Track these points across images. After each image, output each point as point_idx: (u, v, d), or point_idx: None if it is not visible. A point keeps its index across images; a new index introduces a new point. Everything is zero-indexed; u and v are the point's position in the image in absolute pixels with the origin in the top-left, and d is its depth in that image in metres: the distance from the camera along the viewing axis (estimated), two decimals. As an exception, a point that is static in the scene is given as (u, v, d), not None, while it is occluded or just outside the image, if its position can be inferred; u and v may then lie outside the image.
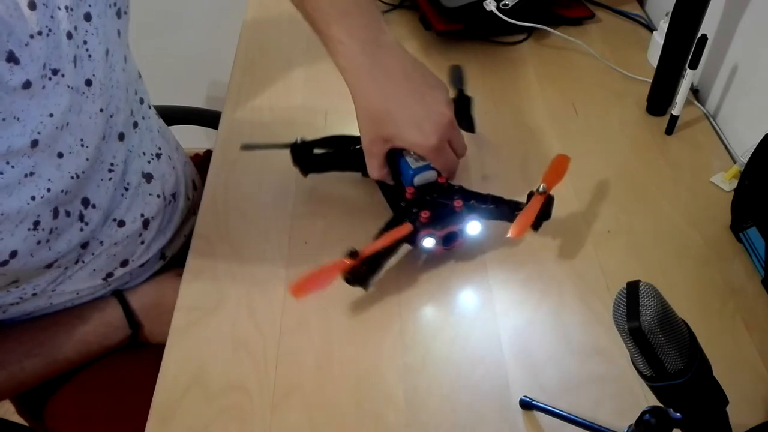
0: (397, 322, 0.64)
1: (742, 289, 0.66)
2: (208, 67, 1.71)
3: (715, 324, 0.63)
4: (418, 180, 0.67)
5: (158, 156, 0.81)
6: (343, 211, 0.75)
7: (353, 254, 0.60)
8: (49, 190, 0.61)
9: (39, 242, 0.62)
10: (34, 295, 0.70)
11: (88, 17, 0.63)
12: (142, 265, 0.79)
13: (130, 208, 0.75)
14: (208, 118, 1.11)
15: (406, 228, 0.64)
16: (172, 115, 1.12)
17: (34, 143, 0.58)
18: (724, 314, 0.64)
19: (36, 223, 0.61)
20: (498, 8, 0.95)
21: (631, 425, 0.45)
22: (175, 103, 1.12)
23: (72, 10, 0.60)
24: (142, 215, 0.77)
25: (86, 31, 0.62)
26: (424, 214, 0.64)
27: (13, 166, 0.57)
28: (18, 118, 0.57)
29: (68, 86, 0.61)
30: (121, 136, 0.71)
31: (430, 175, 0.67)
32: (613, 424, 0.54)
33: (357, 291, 0.66)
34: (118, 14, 0.68)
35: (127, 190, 0.74)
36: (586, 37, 0.99)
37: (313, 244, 0.72)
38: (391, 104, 0.63)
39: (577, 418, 0.55)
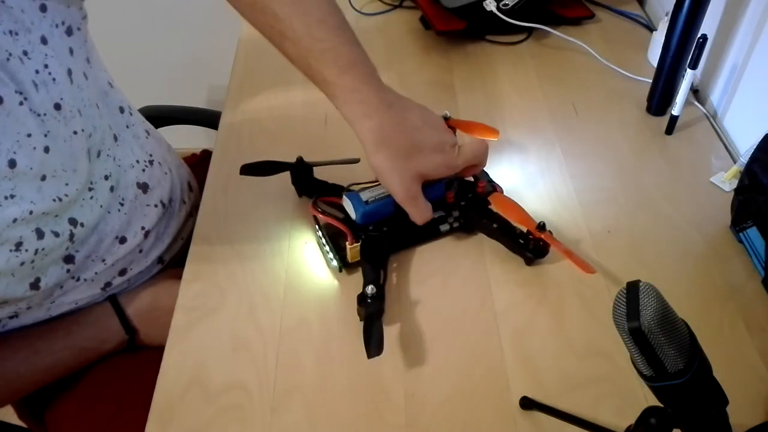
0: (397, 321, 0.64)
1: (742, 289, 0.66)
2: (208, 67, 1.71)
3: (715, 324, 0.63)
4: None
5: (151, 162, 0.79)
6: (343, 211, 0.75)
7: None
8: (31, 212, 0.59)
9: (23, 263, 0.60)
10: (29, 308, 0.69)
11: (44, 40, 0.60)
12: (140, 272, 0.79)
13: (131, 224, 0.74)
14: (208, 118, 1.11)
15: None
16: (172, 115, 1.12)
17: (12, 163, 0.57)
18: (724, 314, 0.64)
19: (18, 245, 0.59)
20: (498, 8, 0.95)
21: (631, 425, 0.45)
22: (175, 103, 1.13)
23: (17, 34, 0.58)
24: (143, 228, 0.76)
25: (45, 55, 0.60)
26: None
27: None
28: None
29: (31, 110, 0.59)
30: (99, 154, 0.69)
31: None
32: (613, 424, 0.54)
33: (357, 290, 0.66)
34: (69, 32, 0.65)
35: (122, 205, 0.73)
36: (586, 37, 0.99)
37: (313, 244, 0.72)
38: (413, 138, 0.63)
39: (577, 418, 0.55)
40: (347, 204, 0.68)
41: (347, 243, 0.66)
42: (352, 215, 0.68)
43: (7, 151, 0.56)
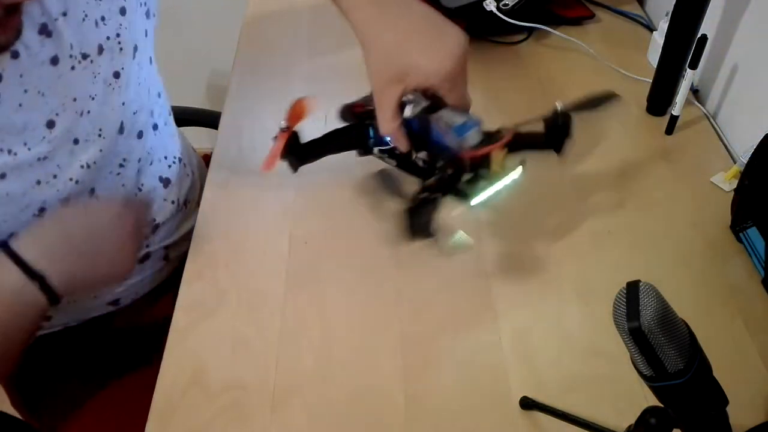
0: (396, 322, 0.64)
1: (742, 289, 0.66)
2: (208, 66, 1.71)
3: (715, 324, 0.63)
4: (471, 138, 0.59)
5: (179, 160, 0.82)
6: (343, 210, 0.75)
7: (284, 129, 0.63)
8: (55, 176, 0.61)
9: None
10: None
11: (123, 11, 0.64)
12: (141, 261, 0.79)
13: None
14: (208, 118, 1.11)
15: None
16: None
17: (50, 123, 0.59)
18: (724, 314, 0.64)
19: (41, 210, 0.61)
20: (498, 8, 0.95)
21: (631, 425, 0.45)
22: (175, 103, 1.12)
23: (100, 1, 0.62)
24: (154, 220, 0.77)
25: (120, 25, 0.64)
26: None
27: (29, 149, 0.58)
28: (43, 94, 0.58)
29: (94, 74, 0.62)
30: (140, 135, 0.71)
31: (475, 134, 0.59)
32: (613, 424, 0.54)
33: (356, 291, 0.66)
34: (147, 14, 0.70)
35: (140, 190, 0.74)
36: (586, 37, 0.99)
37: (313, 244, 0.72)
38: (403, 36, 0.59)
39: (577, 418, 0.55)
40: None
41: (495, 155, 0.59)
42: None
43: (50, 111, 0.59)
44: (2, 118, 0.55)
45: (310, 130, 0.85)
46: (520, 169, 0.61)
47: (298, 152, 0.69)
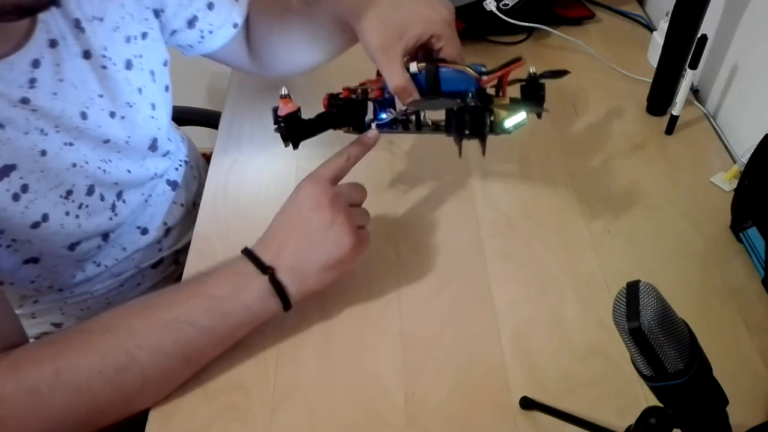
0: (396, 321, 0.64)
1: (742, 289, 0.66)
2: (208, 66, 1.70)
3: (715, 324, 0.63)
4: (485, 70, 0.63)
5: (186, 163, 0.84)
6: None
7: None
8: (87, 162, 0.64)
9: (68, 213, 0.63)
10: (50, 287, 0.70)
11: (144, 36, 0.68)
12: (154, 267, 0.79)
13: (154, 216, 0.77)
14: (208, 118, 1.11)
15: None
16: (173, 116, 1.12)
17: (84, 115, 0.62)
18: (724, 314, 0.64)
19: (69, 192, 0.63)
20: (498, 8, 0.95)
21: (631, 425, 0.45)
22: (175, 103, 1.12)
23: (133, 19, 0.66)
24: (165, 224, 0.79)
25: (144, 47, 0.68)
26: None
27: (58, 131, 0.60)
28: (75, 86, 0.61)
29: (129, 81, 0.67)
30: (166, 154, 0.75)
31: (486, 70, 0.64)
32: (613, 424, 0.54)
33: (357, 290, 0.66)
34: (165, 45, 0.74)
35: (150, 196, 0.76)
36: (586, 37, 0.99)
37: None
38: (395, 2, 0.62)
39: (577, 418, 0.55)
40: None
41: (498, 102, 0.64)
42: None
43: (82, 103, 0.63)
44: (39, 101, 0.58)
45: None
46: (524, 113, 0.65)
47: (298, 128, 0.67)
